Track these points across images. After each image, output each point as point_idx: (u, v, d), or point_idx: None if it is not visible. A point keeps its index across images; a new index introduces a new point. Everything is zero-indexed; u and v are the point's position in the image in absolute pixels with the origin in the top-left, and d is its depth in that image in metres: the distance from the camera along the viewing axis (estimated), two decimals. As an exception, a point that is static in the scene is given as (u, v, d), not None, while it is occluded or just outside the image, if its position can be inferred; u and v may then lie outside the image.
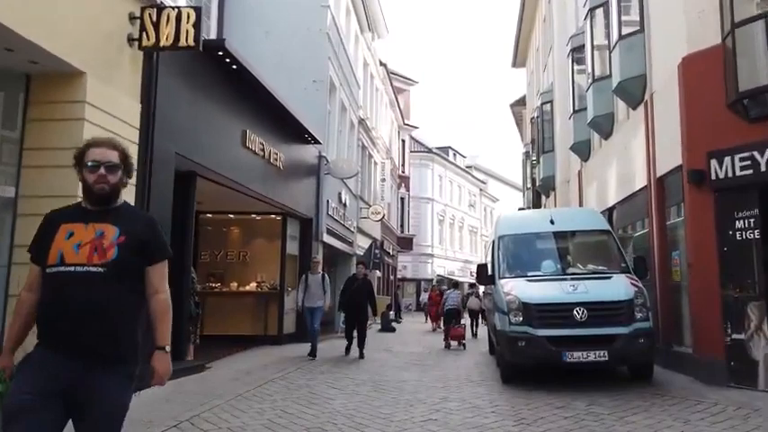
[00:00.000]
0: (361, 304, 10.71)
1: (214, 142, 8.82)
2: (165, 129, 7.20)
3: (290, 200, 12.50)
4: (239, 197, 11.14)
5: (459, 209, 49.49)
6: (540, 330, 7.19)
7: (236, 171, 9.57)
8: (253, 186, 10.31)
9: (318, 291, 10.57)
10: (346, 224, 17.85)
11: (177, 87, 7.60)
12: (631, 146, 10.62)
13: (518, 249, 8.78)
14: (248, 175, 10.09)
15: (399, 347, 13.40)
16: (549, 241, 8.82)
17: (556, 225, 8.79)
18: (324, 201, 14.52)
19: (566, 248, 8.86)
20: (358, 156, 20.87)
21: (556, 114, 17.58)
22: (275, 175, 11.36)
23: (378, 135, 25.21)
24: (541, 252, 8.72)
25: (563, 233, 8.85)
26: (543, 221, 9.00)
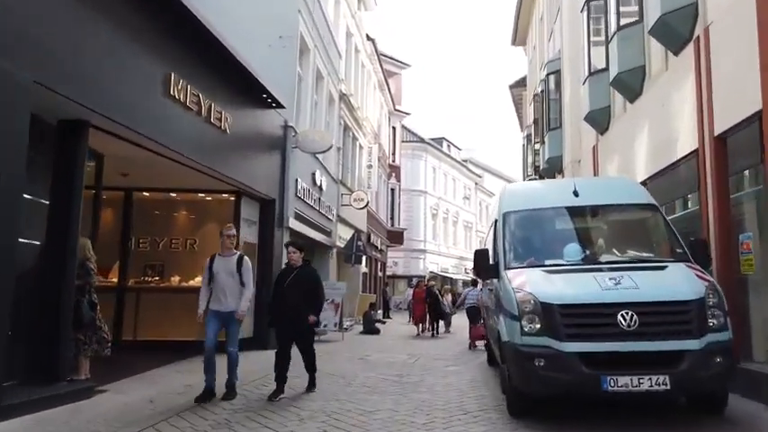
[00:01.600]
0: (297, 309, 6.63)
1: (119, 82, 6.43)
2: (13, 42, 4.84)
3: (245, 175, 10.12)
4: (178, 170, 8.80)
5: (453, 203, 47.23)
6: (569, 344, 4.87)
7: (155, 127, 7.19)
8: (185, 151, 7.92)
9: (231, 284, 6.43)
10: (323, 210, 15.48)
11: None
12: (672, 102, 8.30)
13: (531, 230, 6.45)
14: (176, 135, 7.71)
15: (378, 355, 11.07)
16: (572, 219, 6.50)
17: (581, 198, 6.46)
18: (291, 179, 12.15)
19: (596, 229, 6.53)
20: (339, 135, 18.50)
21: (564, 85, 15.26)
22: (221, 141, 8.98)
23: (364, 116, 22.85)
24: (563, 233, 6.40)
25: (592, 208, 6.51)
26: (564, 193, 6.67)
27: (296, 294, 6.71)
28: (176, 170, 8.92)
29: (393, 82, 33.08)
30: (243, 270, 6.58)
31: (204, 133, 8.45)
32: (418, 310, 17.52)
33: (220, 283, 6.50)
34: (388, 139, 32.74)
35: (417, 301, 17.67)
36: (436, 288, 18.53)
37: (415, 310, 17.88)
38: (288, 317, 6.76)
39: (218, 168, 8.99)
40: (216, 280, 6.52)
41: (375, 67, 26.21)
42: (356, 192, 18.85)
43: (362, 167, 23.18)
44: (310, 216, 14.19)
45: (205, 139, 8.50)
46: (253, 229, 11.12)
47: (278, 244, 11.65)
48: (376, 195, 27.87)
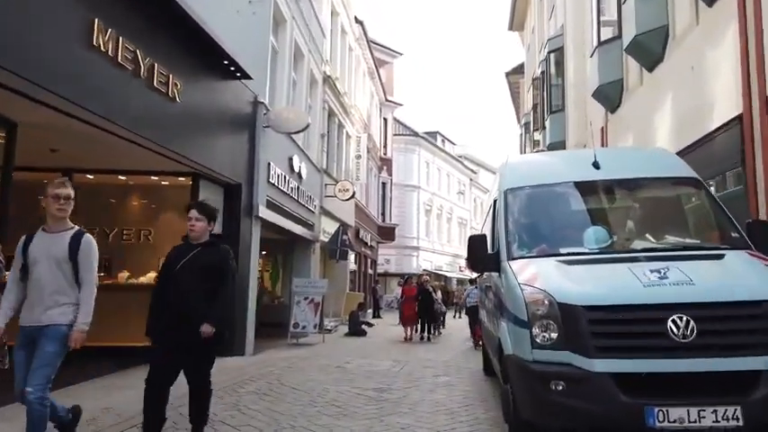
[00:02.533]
0: (188, 310, 4.18)
1: (24, 27, 5.01)
2: None
3: (203, 154, 8.69)
4: (122, 147, 7.40)
5: (447, 199, 45.87)
6: (599, 361, 3.51)
7: (76, 87, 5.76)
8: (119, 119, 6.48)
9: (56, 281, 3.85)
10: (303, 201, 14.07)
11: None
12: (705, 62, 6.94)
13: (541, 211, 5.06)
14: (107, 99, 6.28)
15: (359, 361, 9.68)
16: (593, 196, 5.12)
17: (604, 170, 5.08)
18: (262, 163, 10.74)
19: (624, 208, 5.14)
20: (322, 120, 17.09)
21: (567, 62, 13.91)
22: (168, 112, 7.55)
23: (351, 103, 21.44)
24: (582, 215, 5.02)
25: (618, 183, 5.12)
26: (581, 165, 5.29)
27: (190, 286, 4.17)
28: (121, 147, 7.50)
29: (384, 71, 31.69)
30: (80, 257, 3.87)
31: (146, 100, 7.01)
32: (407, 310, 15.06)
33: (38, 277, 3.81)
34: (380, 130, 31.34)
35: (407, 299, 15.22)
36: (429, 285, 15.82)
37: (404, 310, 15.29)
38: (173, 322, 4.14)
39: (165, 144, 7.55)
40: (32, 272, 3.83)
41: (364, 52, 24.81)
42: (341, 182, 17.44)
43: (350, 158, 21.78)
44: (287, 206, 12.77)
45: (147, 107, 7.06)
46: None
47: (246, 236, 10.25)
48: (366, 189, 26.49)
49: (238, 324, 9.88)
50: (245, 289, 10.13)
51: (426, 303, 14.79)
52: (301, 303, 12.89)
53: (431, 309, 14.92)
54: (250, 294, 10.27)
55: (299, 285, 13.11)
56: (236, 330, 9.74)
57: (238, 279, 9.99)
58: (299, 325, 12.72)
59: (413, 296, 15.03)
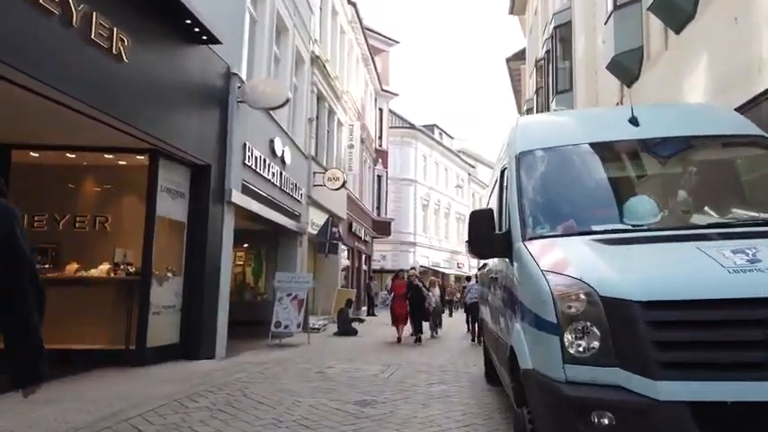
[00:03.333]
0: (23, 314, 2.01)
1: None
2: None
3: (163, 128, 7.52)
4: (64, 116, 6.28)
5: (445, 193, 44.69)
6: (668, 385, 2.36)
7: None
8: (39, 74, 5.31)
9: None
10: (287, 189, 12.89)
11: None
12: (754, 10, 5.78)
13: (564, 177, 3.90)
14: (19, 43, 5.10)
15: (343, 366, 8.53)
16: (633, 159, 3.96)
17: (644, 128, 3.92)
18: (236, 142, 9.56)
19: (673, 174, 3.95)
20: (310, 104, 15.90)
21: (576, 36, 12.76)
22: (113, 72, 6.37)
23: (344, 89, 20.25)
24: (620, 182, 3.85)
25: (664, 143, 3.94)
26: (615, 123, 4.12)
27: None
28: (63, 118, 6.37)
29: (380, 60, 30.52)
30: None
31: (81, 55, 5.83)
32: (398, 309, 13.43)
33: None
34: (375, 121, 30.15)
35: (397, 297, 13.56)
36: (417, 279, 13.95)
37: (395, 309, 13.57)
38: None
39: (110, 111, 6.38)
40: None
41: (358, 37, 23.61)
42: (331, 170, 16.25)
43: (342, 147, 20.60)
44: (268, 193, 11.59)
45: (83, 64, 5.88)
46: (179, 204, 8.51)
47: (216, 224, 9.07)
48: (360, 181, 25.32)
49: (207, 324, 8.73)
50: (216, 283, 8.97)
51: (416, 301, 13.30)
52: (284, 300, 11.72)
53: (421, 306, 13.42)
54: (222, 289, 9.10)
55: (281, 280, 11.94)
56: (202, 330, 8.59)
57: (207, 272, 8.90)
58: (281, 324, 11.56)
59: (403, 293, 13.44)
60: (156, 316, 7.87)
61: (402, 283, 13.77)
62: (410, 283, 13.55)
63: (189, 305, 8.52)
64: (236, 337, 11.53)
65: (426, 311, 13.69)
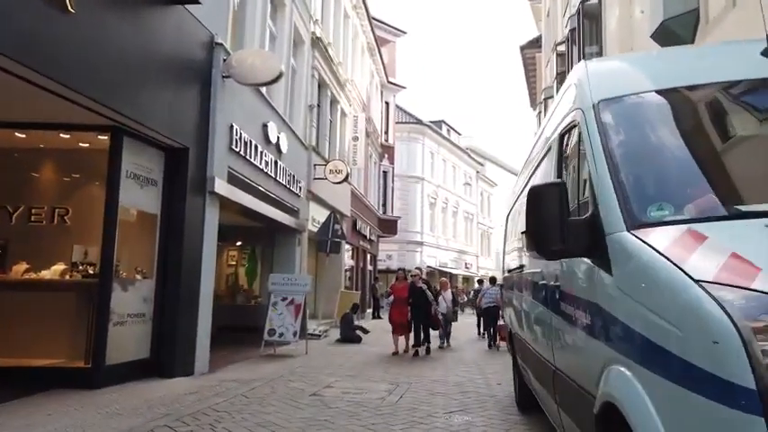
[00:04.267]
0: None
1: None
2: None
3: (127, 101, 6.23)
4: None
5: (453, 192, 43.33)
6: None
7: None
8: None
9: None
10: (283, 180, 11.58)
11: None
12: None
13: (680, 133, 2.54)
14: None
15: (343, 385, 7.21)
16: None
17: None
18: (221, 123, 8.26)
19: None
20: (310, 89, 14.60)
21: (607, 9, 11.39)
22: (56, 25, 5.07)
23: (347, 77, 18.94)
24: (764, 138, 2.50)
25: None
26: (741, 57, 2.76)
27: None
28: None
29: (386, 51, 29.18)
30: None
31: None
32: (397, 316, 11.40)
33: None
34: (381, 114, 28.84)
35: (397, 301, 11.55)
36: (422, 281, 11.86)
37: (393, 315, 11.55)
38: None
39: (53, 75, 5.08)
40: None
41: (363, 23, 22.29)
42: (333, 161, 14.92)
43: (346, 139, 19.28)
44: (261, 184, 10.29)
45: (10, 5, 4.58)
46: (149, 193, 7.20)
47: (195, 217, 7.77)
48: (365, 176, 24.02)
49: (185, 334, 7.43)
50: (195, 286, 7.67)
51: (419, 306, 11.21)
52: (278, 305, 10.41)
53: (425, 312, 11.25)
54: (203, 293, 7.81)
55: (276, 282, 10.63)
56: (178, 342, 7.28)
57: (185, 273, 7.59)
58: (275, 332, 10.25)
59: (404, 297, 11.42)
60: (119, 327, 6.57)
61: (403, 285, 11.79)
62: (413, 285, 11.52)
63: (162, 313, 7.22)
64: (225, 346, 10.26)
65: (435, 319, 11.60)
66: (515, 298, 5.59)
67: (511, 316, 6.00)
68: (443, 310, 12.35)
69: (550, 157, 3.52)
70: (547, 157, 3.69)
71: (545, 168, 3.73)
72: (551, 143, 3.54)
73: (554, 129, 3.48)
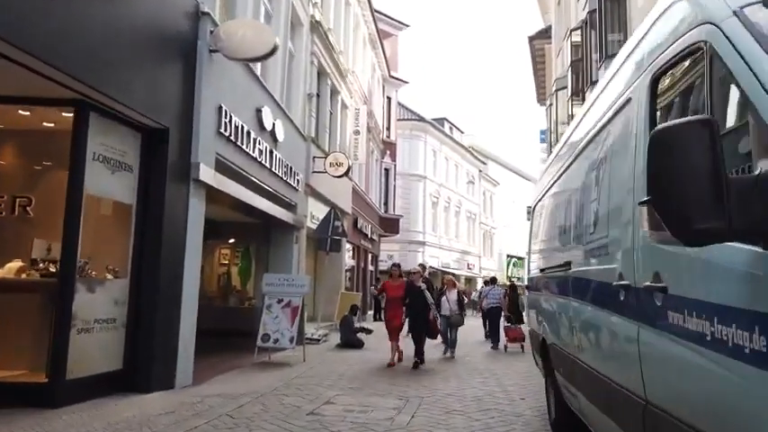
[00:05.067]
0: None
1: None
2: None
3: (95, 71, 5.30)
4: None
5: (455, 191, 42.40)
6: None
7: None
8: None
9: None
10: (279, 172, 10.65)
11: None
12: None
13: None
14: None
15: (344, 400, 6.27)
16: None
17: None
18: (208, 103, 7.33)
19: None
20: (309, 77, 13.67)
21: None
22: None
23: (349, 68, 18.01)
24: None
25: None
26: None
27: None
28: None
29: (388, 45, 28.25)
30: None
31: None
32: (394, 319, 9.80)
33: None
34: (383, 110, 27.91)
35: (392, 302, 9.91)
36: (423, 279, 10.27)
37: (389, 319, 9.93)
38: None
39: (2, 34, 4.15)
40: None
41: (365, 13, 21.38)
42: (334, 154, 13.98)
43: (347, 132, 18.36)
44: (254, 174, 9.35)
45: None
46: (123, 180, 6.25)
47: (177, 209, 6.83)
48: (366, 173, 23.11)
49: (164, 342, 6.49)
50: (177, 287, 6.74)
51: (416, 309, 9.59)
52: (273, 308, 9.47)
53: (423, 317, 9.56)
54: (186, 296, 6.88)
55: (270, 283, 9.69)
56: (155, 351, 6.34)
57: (165, 273, 6.64)
58: (269, 337, 9.31)
59: (399, 298, 9.74)
60: (84, 334, 5.63)
61: (399, 283, 9.95)
62: (411, 284, 9.80)
63: (137, 317, 6.28)
64: (214, 353, 9.34)
65: (433, 325, 9.77)
66: (553, 303, 4.66)
67: (545, 324, 5.06)
68: (446, 313, 11.02)
69: (627, 117, 2.60)
70: (617, 119, 2.78)
71: (617, 134, 2.81)
72: (631, 96, 2.62)
73: (635, 76, 2.57)
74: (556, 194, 4.80)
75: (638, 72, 2.60)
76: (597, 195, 3.18)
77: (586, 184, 3.50)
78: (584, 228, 3.48)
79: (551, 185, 5.15)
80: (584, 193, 3.57)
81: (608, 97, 3.17)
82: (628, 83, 2.76)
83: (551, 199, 5.08)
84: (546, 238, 5.19)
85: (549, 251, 4.98)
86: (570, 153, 4.22)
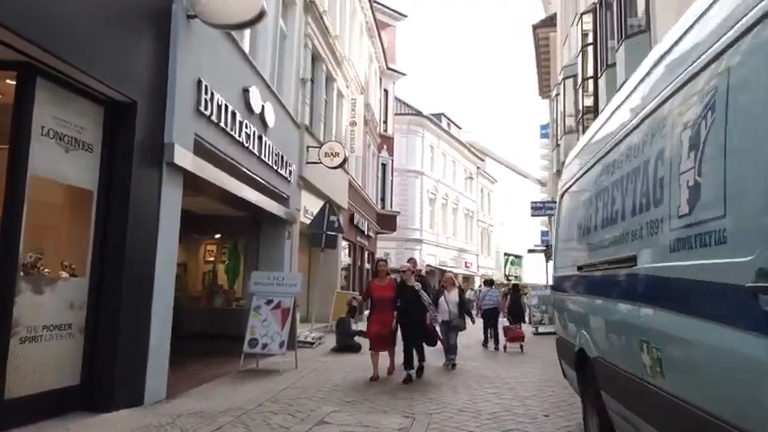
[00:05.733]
0: None
1: None
2: None
3: (46, 29, 4.36)
4: None
5: (453, 187, 41.54)
6: None
7: None
8: None
9: None
10: (269, 160, 9.72)
11: None
12: None
13: None
14: None
15: (344, 417, 5.35)
16: None
17: None
18: (184, 76, 6.40)
19: None
20: (303, 61, 12.74)
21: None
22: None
23: (345, 55, 17.08)
24: None
25: None
26: None
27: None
28: None
29: (385, 36, 27.33)
30: None
31: None
32: (375, 326, 8.12)
33: None
34: (380, 103, 26.98)
35: (379, 305, 8.19)
36: (416, 277, 8.69)
37: (370, 326, 8.29)
38: None
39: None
40: None
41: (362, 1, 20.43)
42: (329, 143, 13.03)
43: (343, 122, 17.43)
44: (240, 161, 8.42)
45: None
46: (81, 160, 5.30)
47: (147, 197, 5.89)
48: (363, 167, 22.19)
49: (130, 351, 5.57)
50: (146, 288, 5.81)
51: (410, 313, 7.99)
52: (261, 309, 8.55)
53: (420, 322, 8.04)
54: (158, 297, 5.95)
55: (259, 282, 8.77)
56: (119, 362, 5.41)
57: (131, 271, 5.69)
58: (257, 342, 8.39)
59: (389, 299, 8.07)
60: (29, 344, 4.69)
61: (387, 283, 8.28)
62: (402, 284, 8.23)
63: (98, 323, 5.35)
64: (197, 360, 8.46)
65: (430, 331, 8.27)
66: (602, 308, 3.76)
67: (585, 333, 4.16)
68: (446, 317, 9.44)
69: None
70: (742, 45, 1.91)
71: (745, 70, 1.93)
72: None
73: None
74: (603, 174, 3.90)
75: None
76: (696, 164, 2.29)
77: (669, 153, 2.61)
78: (666, 210, 2.58)
79: (592, 165, 4.25)
80: (663, 166, 2.68)
81: (714, 21, 2.28)
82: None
83: (593, 181, 4.18)
84: (585, 228, 4.29)
85: (592, 244, 4.08)
86: (631, 118, 3.33)
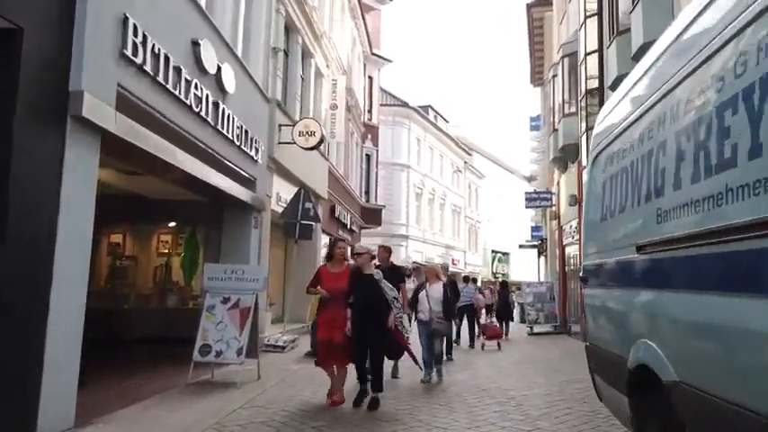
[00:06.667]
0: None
1: None
2: None
3: None
4: None
5: (440, 182, 40.26)
6: None
7: None
8: None
9: None
10: (229, 133, 8.25)
11: None
12: None
13: None
14: None
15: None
16: None
17: None
18: (103, 7, 4.91)
19: None
20: (274, 28, 11.25)
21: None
22: None
23: (323, 30, 15.60)
24: None
25: None
26: None
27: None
28: None
29: (370, 19, 25.91)
30: None
31: None
32: (324, 328, 5.92)
33: None
34: (364, 90, 25.53)
35: (332, 297, 5.85)
36: (374, 265, 6.30)
37: (319, 328, 6.07)
38: None
39: None
40: None
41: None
42: (304, 120, 11.54)
43: (322, 105, 15.96)
44: (187, 128, 6.93)
45: None
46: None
47: (40, 162, 4.40)
48: (345, 157, 20.75)
49: (11, 373, 4.08)
50: (39, 291, 4.33)
51: (366, 311, 5.75)
52: (216, 309, 7.09)
53: (380, 326, 5.77)
54: (57, 303, 4.47)
55: (213, 277, 7.31)
56: (3, 382, 3.92)
57: (10, 271, 4.12)
58: (210, 349, 6.93)
59: (341, 291, 5.80)
60: None
61: (341, 270, 6.03)
62: (356, 271, 5.94)
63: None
64: (138, 371, 7.00)
65: (397, 338, 6.01)
66: (684, 308, 2.38)
67: (654, 346, 2.75)
68: (425, 316, 7.55)
69: None
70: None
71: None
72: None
73: None
74: (685, 104, 2.52)
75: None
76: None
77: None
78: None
79: (657, 101, 2.87)
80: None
81: None
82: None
83: (663, 120, 2.80)
84: (654, 189, 2.90)
85: (668, 211, 2.69)
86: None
